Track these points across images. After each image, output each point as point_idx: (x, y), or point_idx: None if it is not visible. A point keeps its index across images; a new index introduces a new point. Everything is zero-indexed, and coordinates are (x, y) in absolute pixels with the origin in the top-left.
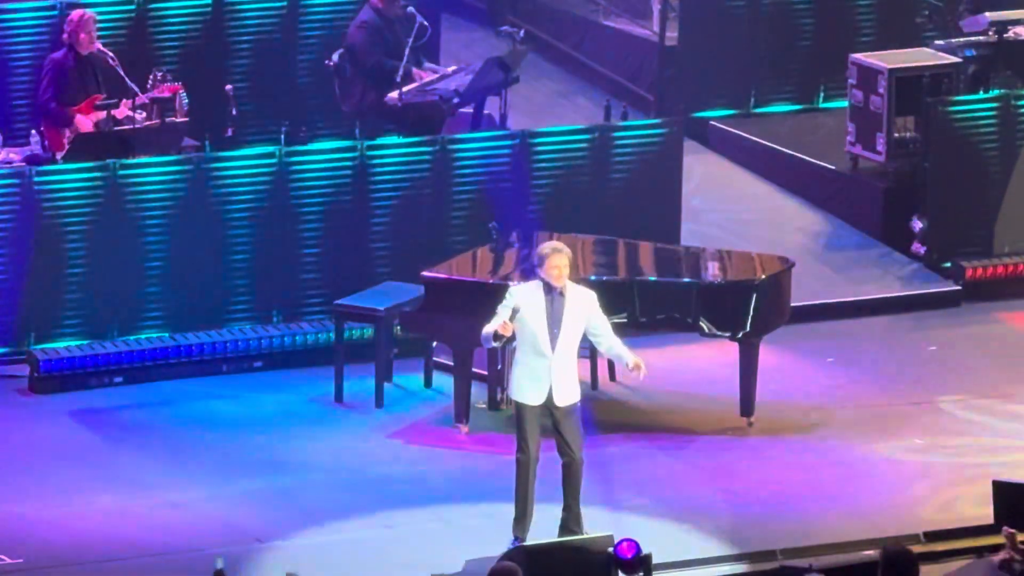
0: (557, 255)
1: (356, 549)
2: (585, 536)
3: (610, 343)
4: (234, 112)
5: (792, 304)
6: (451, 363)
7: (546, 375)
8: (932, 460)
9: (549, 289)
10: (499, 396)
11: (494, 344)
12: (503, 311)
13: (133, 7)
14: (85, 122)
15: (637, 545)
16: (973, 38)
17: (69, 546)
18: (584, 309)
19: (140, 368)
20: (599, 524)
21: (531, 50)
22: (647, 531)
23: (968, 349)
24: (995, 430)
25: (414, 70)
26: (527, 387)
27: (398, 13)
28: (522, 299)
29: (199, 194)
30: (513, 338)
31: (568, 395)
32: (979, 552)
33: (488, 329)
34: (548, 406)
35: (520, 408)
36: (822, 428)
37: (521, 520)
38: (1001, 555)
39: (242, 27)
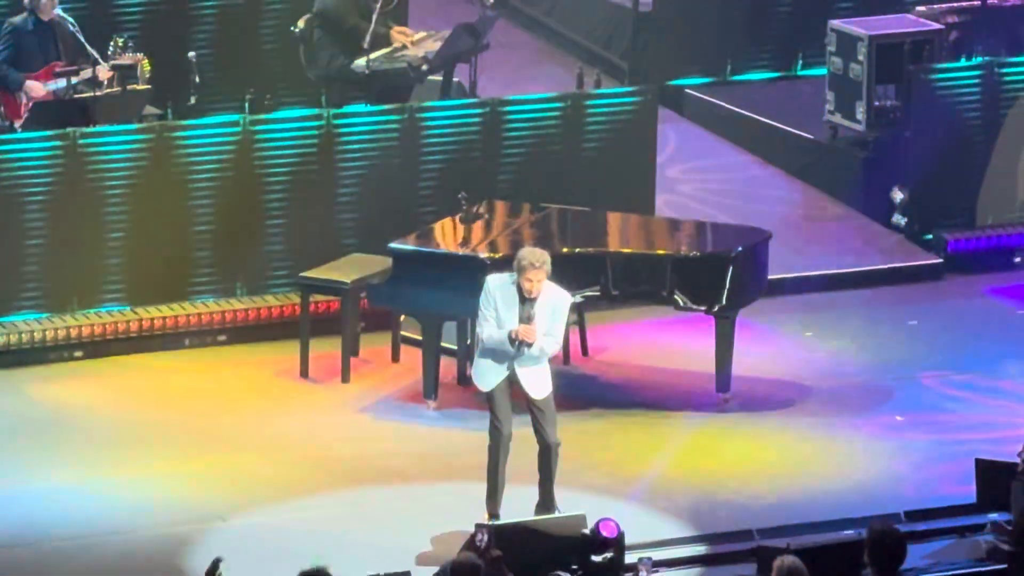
0: (533, 270)
1: (322, 527)
2: (557, 515)
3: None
4: (197, 79)
5: (769, 277)
6: (419, 337)
7: (508, 367)
8: (913, 437)
9: (523, 292)
10: (468, 371)
11: (510, 350)
12: (488, 312)
13: None
14: (37, 87)
15: (618, 525)
16: (956, 4)
17: (27, 524)
18: (555, 310)
19: (100, 342)
20: (571, 502)
21: (502, 16)
22: (620, 510)
23: (950, 323)
24: (978, 406)
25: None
26: (489, 374)
27: None
28: (498, 294)
29: (161, 163)
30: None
31: (540, 389)
32: (961, 532)
33: (498, 335)
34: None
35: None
36: (800, 404)
37: (493, 496)
38: None
39: None
